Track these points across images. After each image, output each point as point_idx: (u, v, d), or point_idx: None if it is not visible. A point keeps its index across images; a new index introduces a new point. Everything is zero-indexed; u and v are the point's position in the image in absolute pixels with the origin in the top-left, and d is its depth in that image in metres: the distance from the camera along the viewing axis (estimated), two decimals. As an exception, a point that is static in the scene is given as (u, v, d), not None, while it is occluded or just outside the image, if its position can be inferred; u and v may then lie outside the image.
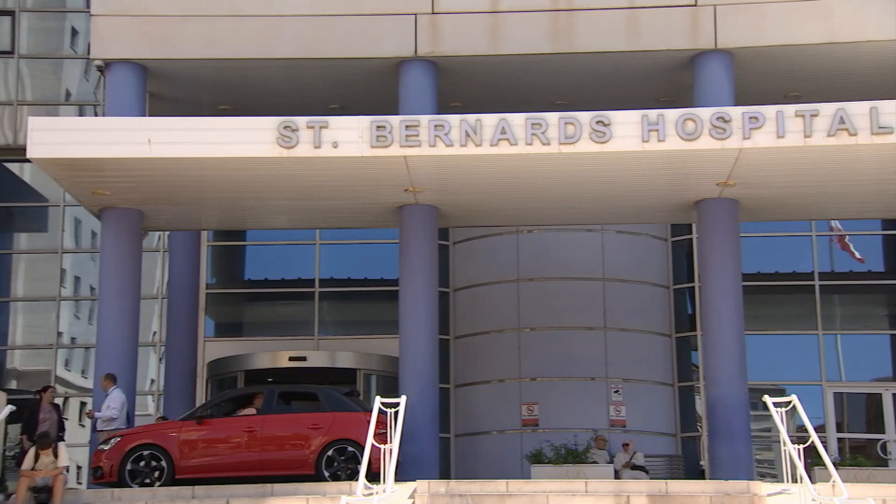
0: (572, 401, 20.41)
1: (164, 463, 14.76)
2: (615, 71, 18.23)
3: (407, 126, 15.16)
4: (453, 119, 15.23)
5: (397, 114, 16.80)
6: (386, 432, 14.33)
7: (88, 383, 21.64)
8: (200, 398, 20.14)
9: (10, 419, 15.02)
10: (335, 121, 15.31)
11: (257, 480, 14.58)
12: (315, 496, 13.79)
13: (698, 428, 21.00)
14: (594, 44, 17.64)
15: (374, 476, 13.84)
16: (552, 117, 15.13)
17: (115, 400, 15.64)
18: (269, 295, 22.36)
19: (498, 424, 20.72)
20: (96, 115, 22.06)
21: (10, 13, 22.46)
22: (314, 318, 21.64)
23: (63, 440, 15.42)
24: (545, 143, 15.06)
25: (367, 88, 18.45)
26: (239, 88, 18.57)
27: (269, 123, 15.18)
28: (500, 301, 21.06)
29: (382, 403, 14.46)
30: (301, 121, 15.17)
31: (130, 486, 14.58)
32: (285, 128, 15.11)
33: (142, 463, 14.76)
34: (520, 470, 18.33)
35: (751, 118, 14.92)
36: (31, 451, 14.07)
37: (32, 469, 13.86)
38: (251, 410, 15.52)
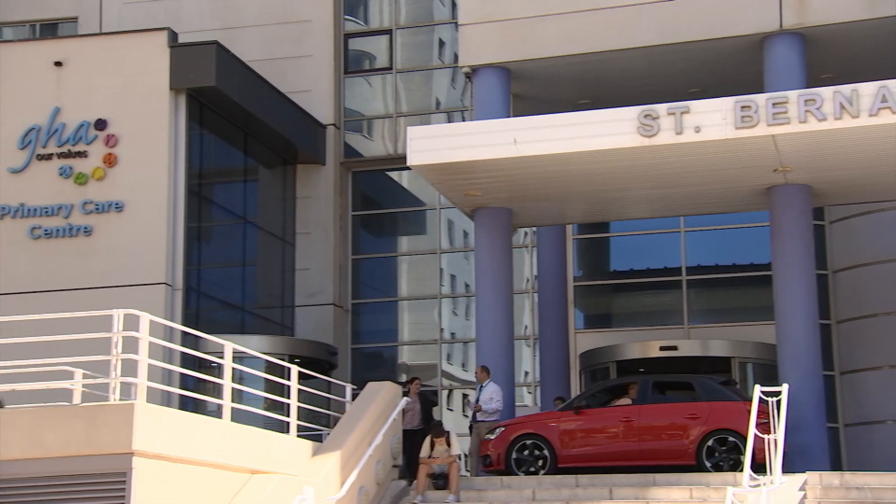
0: (980, 387, 18.53)
1: (546, 452, 15.22)
2: None
3: (774, 103, 14.60)
4: (825, 92, 14.43)
5: (761, 92, 16.15)
6: (768, 422, 13.84)
7: (469, 376, 22.81)
8: (574, 389, 20.54)
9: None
10: (697, 105, 15.05)
11: (634, 470, 14.65)
12: (699, 487, 13.60)
13: None
14: None
15: (758, 467, 13.41)
16: (941, 79, 13.88)
17: (497, 392, 16.34)
18: (635, 285, 22.32)
19: (894, 413, 19.25)
20: (464, 120, 23.20)
21: (388, 32, 24.29)
22: (683, 306, 21.32)
23: (431, 431, 16.08)
24: (934, 107, 13.84)
25: (728, 69, 17.92)
26: (597, 81, 18.75)
27: (630, 114, 15.20)
28: (888, 281, 19.54)
29: (762, 392, 13.98)
30: (661, 108, 15.07)
31: (517, 474, 15.17)
32: (646, 116, 15.08)
33: (525, 452, 15.32)
34: (922, 463, 16.95)
35: None
36: (427, 440, 15.03)
37: (429, 457, 14.84)
38: (626, 400, 15.59)
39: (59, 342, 11.73)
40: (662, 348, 19.80)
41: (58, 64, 19.95)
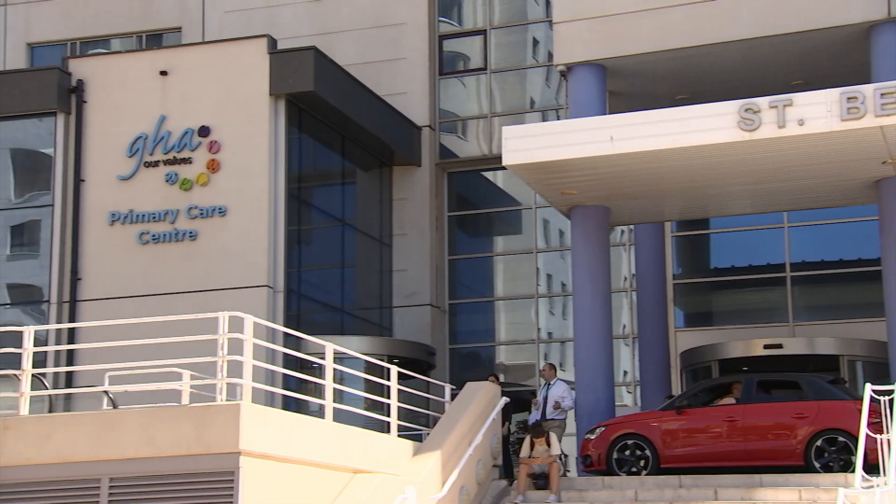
0: None
1: (647, 452, 15.05)
2: None
3: (882, 94, 14.17)
4: (937, 79, 13.94)
5: (867, 83, 15.69)
6: (880, 421, 13.43)
7: (568, 376, 22.67)
8: (676, 388, 20.26)
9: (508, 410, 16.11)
10: (800, 97, 14.70)
11: (738, 470, 14.37)
12: (808, 488, 13.29)
13: None
14: None
15: (870, 468, 13.02)
16: None
17: (568, 390, 16.41)
18: (737, 282, 21.93)
19: None
20: (558, 118, 23.09)
21: (482, 32, 24.34)
22: (787, 303, 20.85)
23: (531, 431, 15.88)
24: None
25: (831, 60, 17.45)
26: (695, 76, 18.47)
27: (729, 108, 14.93)
28: None
29: (874, 391, 13.57)
30: (763, 101, 14.77)
31: (618, 475, 15.04)
32: (746, 110, 14.79)
33: (627, 452, 15.18)
34: None
35: None
36: (527, 440, 15.01)
37: (529, 457, 14.81)
38: (730, 400, 15.31)
39: (166, 344, 12.07)
40: (767, 346, 19.39)
41: (163, 73, 20.54)
